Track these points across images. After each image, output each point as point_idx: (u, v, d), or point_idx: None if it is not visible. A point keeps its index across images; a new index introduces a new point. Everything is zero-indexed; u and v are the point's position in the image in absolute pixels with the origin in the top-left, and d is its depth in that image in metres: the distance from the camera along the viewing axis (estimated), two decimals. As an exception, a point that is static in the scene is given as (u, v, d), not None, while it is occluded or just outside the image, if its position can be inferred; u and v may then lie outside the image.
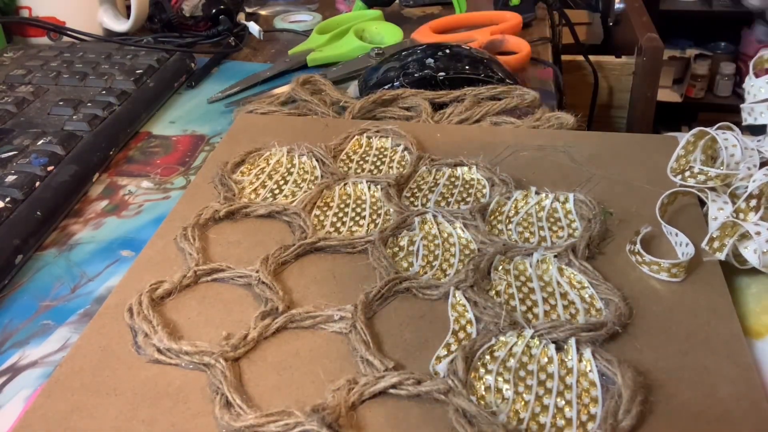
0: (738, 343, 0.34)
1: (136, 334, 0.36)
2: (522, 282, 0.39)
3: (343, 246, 0.42)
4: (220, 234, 0.44)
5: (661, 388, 0.32)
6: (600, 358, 0.33)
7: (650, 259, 0.39)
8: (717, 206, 0.41)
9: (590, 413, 0.31)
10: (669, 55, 1.93)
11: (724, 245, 0.38)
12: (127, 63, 0.65)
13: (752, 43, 1.91)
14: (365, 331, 0.35)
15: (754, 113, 0.45)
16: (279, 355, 0.35)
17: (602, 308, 0.37)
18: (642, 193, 0.45)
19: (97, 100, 0.57)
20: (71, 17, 0.75)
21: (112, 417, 0.31)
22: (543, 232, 0.43)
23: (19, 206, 0.44)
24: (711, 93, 2.03)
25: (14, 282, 0.42)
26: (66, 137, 0.51)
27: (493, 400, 0.32)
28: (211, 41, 0.78)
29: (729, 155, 0.42)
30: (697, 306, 0.37)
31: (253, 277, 0.39)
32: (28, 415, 0.32)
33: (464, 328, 0.36)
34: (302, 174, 0.49)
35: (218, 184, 0.48)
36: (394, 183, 0.47)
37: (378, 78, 0.62)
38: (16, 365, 0.36)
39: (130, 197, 0.50)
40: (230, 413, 0.31)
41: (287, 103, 0.62)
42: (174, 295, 0.38)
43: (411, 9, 0.90)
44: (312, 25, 0.81)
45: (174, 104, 0.64)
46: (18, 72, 0.63)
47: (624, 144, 0.52)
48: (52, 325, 0.38)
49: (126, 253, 0.44)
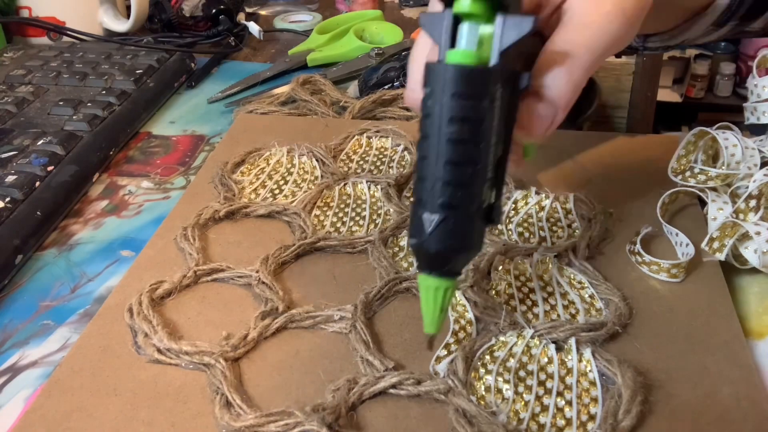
0: (738, 344, 0.34)
1: (136, 334, 0.36)
2: (522, 282, 0.39)
3: (343, 246, 0.42)
4: (220, 234, 0.44)
5: (661, 388, 0.32)
6: (600, 358, 0.33)
7: (650, 260, 0.39)
8: (717, 206, 0.41)
9: (590, 413, 0.31)
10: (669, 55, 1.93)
11: (724, 245, 0.38)
12: (127, 63, 0.65)
13: (752, 43, 1.91)
14: (365, 331, 0.35)
15: (757, 112, 0.45)
16: (279, 355, 0.35)
17: (602, 308, 0.37)
18: (642, 193, 0.45)
19: (97, 100, 0.57)
20: (71, 17, 0.75)
21: (112, 417, 0.31)
22: (543, 232, 0.43)
23: (19, 206, 0.44)
24: (711, 93, 2.03)
25: (14, 282, 0.42)
26: (66, 137, 0.51)
27: (493, 400, 0.32)
28: (211, 41, 0.78)
29: (729, 155, 0.42)
30: (697, 306, 0.37)
31: (253, 277, 0.39)
32: (28, 415, 0.32)
33: (464, 328, 0.36)
34: (302, 174, 0.49)
35: (218, 184, 0.48)
36: (394, 183, 0.47)
37: (378, 78, 0.62)
38: (16, 365, 0.36)
39: (130, 197, 0.50)
40: (230, 413, 0.31)
41: (287, 103, 0.62)
42: (174, 295, 0.38)
43: (411, 9, 0.90)
44: (312, 25, 0.81)
45: (174, 104, 0.64)
46: (18, 72, 0.63)
47: (624, 144, 0.52)
48: (52, 325, 0.38)
49: (126, 253, 0.44)
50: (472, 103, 0.28)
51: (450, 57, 0.29)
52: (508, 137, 0.32)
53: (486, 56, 0.29)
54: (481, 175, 0.29)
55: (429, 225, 0.29)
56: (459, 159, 0.29)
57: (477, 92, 0.28)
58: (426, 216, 0.29)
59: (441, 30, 0.30)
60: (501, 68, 0.29)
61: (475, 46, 0.29)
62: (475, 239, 0.30)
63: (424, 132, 0.29)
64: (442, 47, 0.30)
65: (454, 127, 0.28)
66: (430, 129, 0.29)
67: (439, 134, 0.28)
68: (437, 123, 0.28)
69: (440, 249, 0.29)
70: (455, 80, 0.28)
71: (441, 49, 0.30)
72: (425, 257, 0.30)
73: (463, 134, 0.28)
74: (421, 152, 0.29)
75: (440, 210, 0.29)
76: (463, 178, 0.29)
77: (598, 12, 0.32)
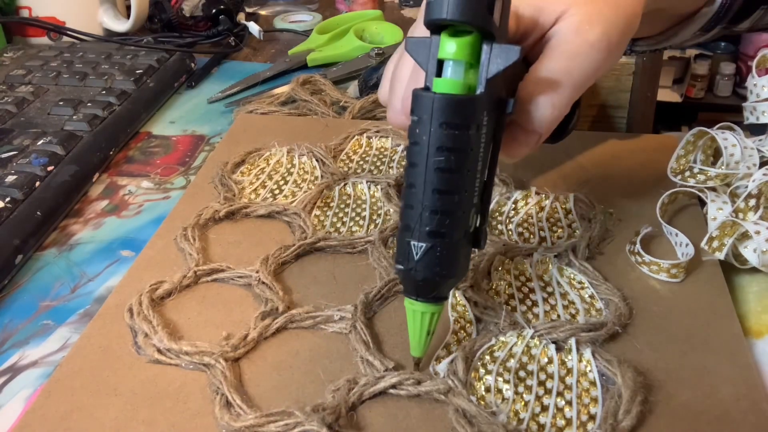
0: (738, 343, 0.34)
1: (136, 334, 0.36)
2: (522, 282, 0.39)
3: (343, 246, 0.42)
4: (220, 234, 0.44)
5: (661, 388, 0.32)
6: (600, 358, 0.33)
7: (650, 260, 0.39)
8: (716, 206, 0.41)
9: (590, 413, 0.31)
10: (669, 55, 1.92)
11: (723, 245, 0.38)
12: (127, 63, 0.65)
13: (752, 43, 1.91)
14: (365, 331, 0.35)
15: (756, 112, 0.45)
16: (279, 355, 0.35)
17: (602, 308, 0.37)
18: (642, 193, 0.45)
19: (97, 100, 0.57)
20: (71, 17, 0.75)
21: (112, 417, 0.31)
22: (543, 232, 0.43)
23: (19, 206, 0.44)
24: (711, 93, 2.02)
25: (14, 282, 0.42)
26: (66, 137, 0.51)
27: (493, 400, 0.32)
28: (211, 41, 0.78)
29: (729, 155, 0.42)
30: (697, 306, 0.37)
31: (253, 277, 0.39)
32: (28, 415, 0.32)
33: (464, 328, 0.36)
34: (302, 174, 0.49)
35: (218, 184, 0.48)
36: (394, 183, 0.47)
37: (378, 78, 0.62)
38: (16, 365, 0.36)
39: (130, 197, 0.50)
40: (230, 413, 0.31)
41: (287, 103, 0.62)
42: (174, 295, 0.38)
43: (411, 9, 0.90)
44: (312, 25, 0.81)
45: (174, 104, 0.64)
46: (18, 72, 0.63)
47: (624, 144, 0.52)
48: (52, 325, 0.38)
49: (126, 253, 0.44)
50: (460, 132, 0.28)
51: (437, 86, 0.29)
52: (493, 162, 0.32)
53: (473, 83, 0.29)
54: (467, 202, 0.30)
55: (416, 252, 0.29)
56: (447, 187, 0.29)
57: (465, 121, 0.28)
58: (413, 243, 0.29)
59: (427, 57, 0.30)
60: (487, 96, 0.29)
61: (462, 75, 0.29)
62: (461, 265, 0.31)
63: (411, 160, 0.29)
64: (429, 75, 0.30)
65: (443, 156, 0.28)
66: (417, 157, 0.29)
67: (427, 163, 0.29)
68: (425, 151, 0.28)
69: (427, 276, 0.30)
70: (443, 110, 0.28)
71: (428, 76, 0.30)
72: (412, 284, 0.31)
73: (450, 163, 0.28)
74: (408, 179, 0.29)
75: (428, 238, 0.29)
76: (451, 207, 0.29)
77: (584, 42, 0.32)
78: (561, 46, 0.32)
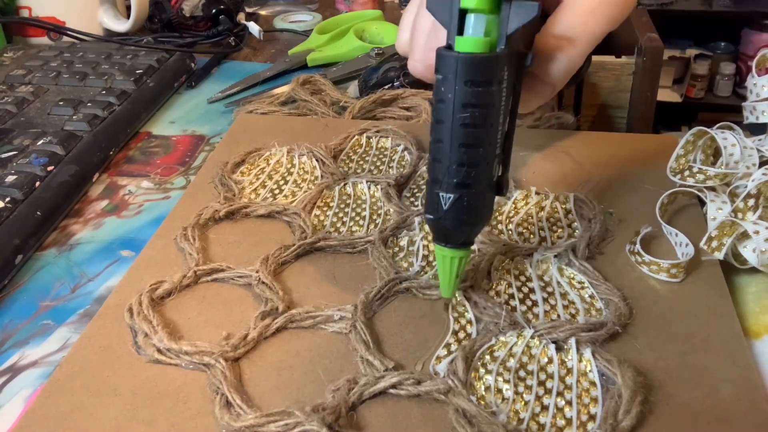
0: (738, 343, 0.34)
1: (136, 334, 0.36)
2: (522, 282, 0.39)
3: (343, 246, 0.42)
4: (220, 234, 0.44)
5: (661, 388, 0.32)
6: (600, 358, 0.33)
7: (650, 260, 0.39)
8: (716, 206, 0.41)
9: (590, 413, 0.31)
10: (669, 55, 1.93)
11: (722, 245, 0.38)
12: (127, 63, 0.65)
13: (752, 42, 1.91)
14: (365, 331, 0.35)
15: (756, 112, 0.45)
16: (279, 355, 0.35)
17: (602, 308, 0.37)
18: (642, 193, 0.45)
19: (97, 100, 0.57)
20: (71, 17, 0.75)
21: (112, 417, 0.31)
22: (543, 232, 0.43)
23: (19, 206, 0.44)
24: (711, 93, 2.02)
25: (14, 282, 0.42)
26: (66, 137, 0.51)
27: (493, 400, 0.32)
28: (211, 41, 0.78)
29: (728, 154, 0.42)
30: (697, 306, 0.37)
31: (253, 277, 0.39)
32: (28, 415, 0.32)
33: (464, 328, 0.36)
34: (302, 174, 0.49)
35: (218, 184, 0.48)
36: (394, 183, 0.47)
37: (378, 78, 0.62)
38: (16, 365, 0.36)
39: (130, 197, 0.50)
40: (230, 413, 0.31)
41: (287, 103, 0.62)
42: (174, 295, 0.38)
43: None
44: (312, 25, 0.81)
45: (174, 104, 0.64)
46: (18, 72, 0.63)
47: (624, 144, 0.52)
48: (52, 325, 0.38)
49: (126, 253, 0.44)
50: (483, 89, 0.30)
51: (460, 45, 0.30)
52: (513, 113, 0.34)
53: (493, 41, 0.30)
54: (491, 153, 0.32)
55: (445, 203, 0.32)
56: (472, 141, 0.31)
57: (487, 78, 0.30)
58: (442, 194, 0.32)
59: (449, 16, 0.31)
60: (508, 52, 0.30)
61: (483, 32, 0.30)
62: (486, 212, 0.33)
63: (437, 117, 0.31)
64: (451, 33, 0.31)
65: (467, 112, 0.30)
66: (443, 114, 0.31)
67: (453, 119, 0.30)
68: (450, 108, 0.30)
69: (456, 224, 0.32)
70: (467, 68, 0.30)
71: (450, 35, 0.31)
72: (442, 232, 0.33)
73: (475, 119, 0.30)
74: (435, 135, 0.31)
75: (455, 189, 0.31)
76: (476, 159, 0.31)
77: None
78: (578, 3, 0.33)
